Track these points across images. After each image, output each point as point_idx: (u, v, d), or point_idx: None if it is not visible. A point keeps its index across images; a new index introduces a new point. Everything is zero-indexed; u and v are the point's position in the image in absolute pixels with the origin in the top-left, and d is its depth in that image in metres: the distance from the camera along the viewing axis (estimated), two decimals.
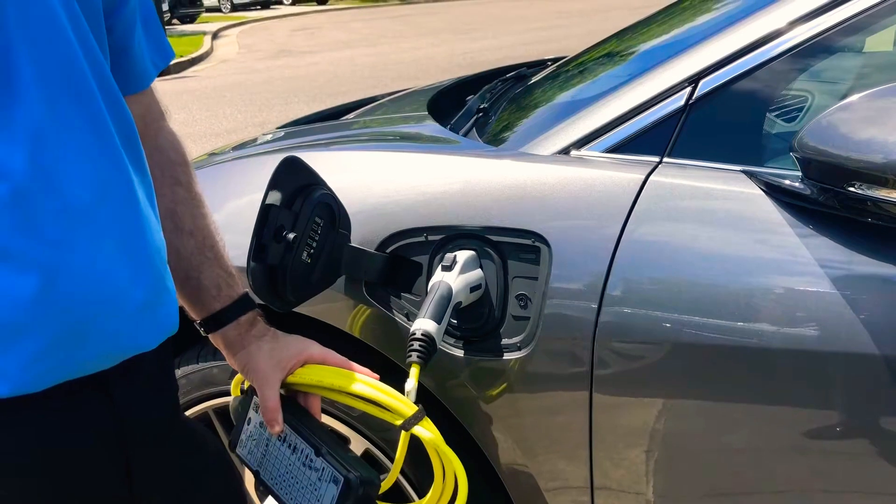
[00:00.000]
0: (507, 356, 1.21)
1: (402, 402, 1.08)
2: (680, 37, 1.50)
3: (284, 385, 1.07)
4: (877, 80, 1.63)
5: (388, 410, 1.09)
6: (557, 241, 1.17)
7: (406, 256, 1.28)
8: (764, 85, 1.21)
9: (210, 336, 1.07)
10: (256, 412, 1.11)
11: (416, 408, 1.09)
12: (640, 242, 1.13)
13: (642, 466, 1.20)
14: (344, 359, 1.10)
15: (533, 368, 1.20)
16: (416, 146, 1.57)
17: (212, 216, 1.07)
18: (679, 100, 1.20)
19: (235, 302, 1.05)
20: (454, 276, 1.18)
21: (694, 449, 1.18)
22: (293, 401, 1.10)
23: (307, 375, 1.08)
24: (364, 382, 1.08)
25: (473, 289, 1.20)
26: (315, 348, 1.09)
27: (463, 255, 1.20)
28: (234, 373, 1.17)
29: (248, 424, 1.13)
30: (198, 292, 1.04)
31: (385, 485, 1.15)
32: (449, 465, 1.10)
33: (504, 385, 1.24)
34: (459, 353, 1.25)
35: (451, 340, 1.25)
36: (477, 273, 1.21)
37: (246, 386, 1.16)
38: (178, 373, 1.49)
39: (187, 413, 1.52)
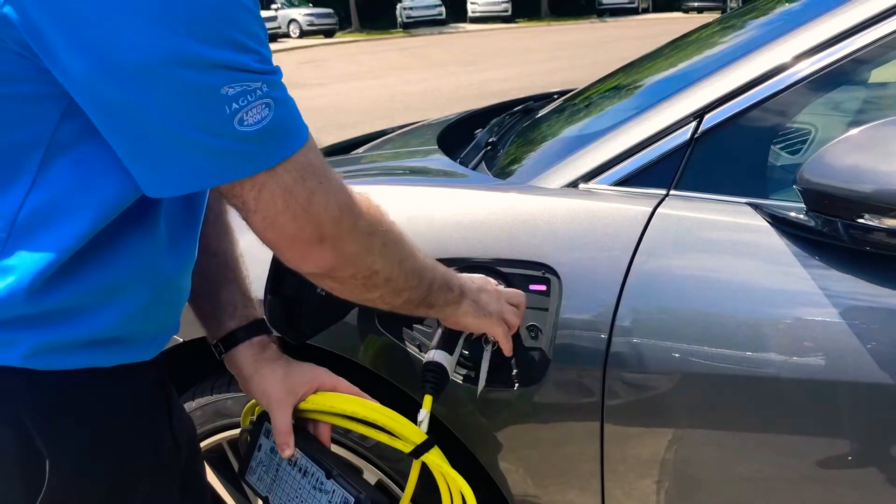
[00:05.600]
0: (517, 387, 1.22)
1: (412, 430, 1.10)
2: (685, 71, 1.53)
3: (296, 412, 1.09)
4: (880, 111, 1.65)
5: (399, 438, 1.10)
6: (567, 272, 1.19)
7: None
8: (768, 118, 1.24)
9: (225, 359, 1.10)
10: (268, 438, 1.13)
11: (425, 436, 1.10)
12: (649, 274, 1.15)
13: (653, 497, 1.20)
14: (354, 387, 1.12)
15: (544, 399, 1.21)
16: (426, 179, 1.60)
17: (239, 247, 1.12)
18: (685, 134, 1.23)
19: (251, 323, 1.10)
20: None
21: (705, 479, 1.19)
22: (303, 428, 1.11)
23: (319, 402, 1.09)
24: (376, 409, 1.10)
25: None
26: (327, 376, 1.11)
27: None
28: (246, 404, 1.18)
29: (259, 451, 1.15)
30: (215, 309, 1.09)
31: None
32: (457, 492, 1.11)
33: (515, 415, 1.25)
34: (470, 384, 1.26)
35: (463, 371, 1.26)
36: None
37: (256, 416, 1.18)
38: (192, 405, 1.50)
39: (201, 445, 1.53)
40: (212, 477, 1.54)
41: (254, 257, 1.26)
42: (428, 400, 1.13)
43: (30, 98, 0.75)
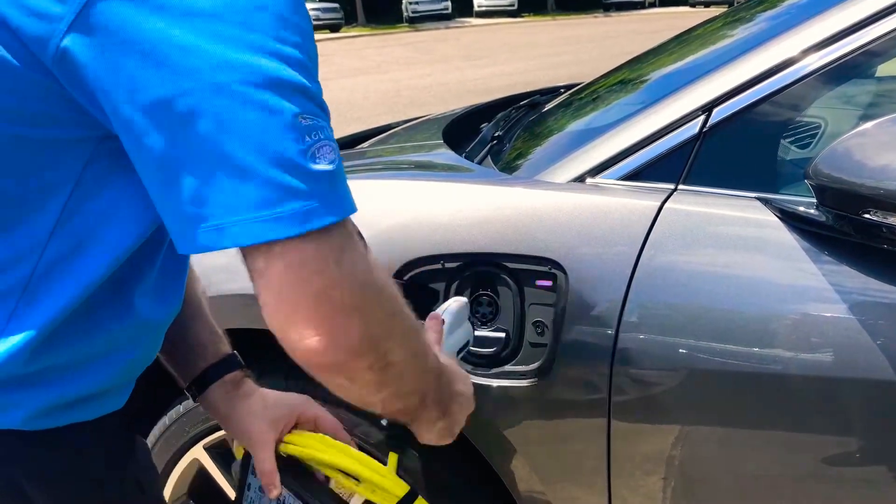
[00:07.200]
0: (524, 383, 1.21)
1: (394, 483, 1.05)
2: (693, 65, 1.51)
3: (279, 450, 1.04)
4: (890, 105, 1.64)
5: (381, 490, 1.05)
6: (574, 267, 1.18)
7: (422, 284, 1.29)
8: (777, 112, 1.22)
9: (200, 402, 1.05)
10: (255, 476, 1.08)
11: (407, 487, 1.06)
12: (657, 269, 1.14)
13: (659, 494, 1.20)
14: (335, 421, 1.08)
15: (550, 395, 1.20)
16: (432, 174, 1.59)
17: (202, 284, 1.07)
18: (693, 128, 1.21)
19: (222, 360, 1.04)
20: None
21: (712, 476, 1.18)
22: (292, 463, 1.06)
23: (300, 445, 1.04)
24: (357, 459, 1.05)
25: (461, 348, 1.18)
26: (307, 405, 1.07)
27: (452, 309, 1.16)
28: None
29: (249, 490, 1.10)
30: (185, 351, 1.04)
31: None
32: None
33: (521, 412, 1.24)
34: (477, 380, 1.25)
35: (469, 367, 1.25)
36: (465, 328, 1.18)
37: (243, 452, 1.14)
38: (190, 403, 1.49)
39: (201, 444, 1.53)
40: (215, 472, 1.54)
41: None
42: None
43: (59, 142, 0.70)
